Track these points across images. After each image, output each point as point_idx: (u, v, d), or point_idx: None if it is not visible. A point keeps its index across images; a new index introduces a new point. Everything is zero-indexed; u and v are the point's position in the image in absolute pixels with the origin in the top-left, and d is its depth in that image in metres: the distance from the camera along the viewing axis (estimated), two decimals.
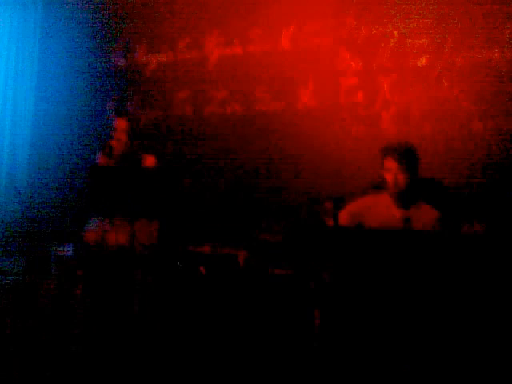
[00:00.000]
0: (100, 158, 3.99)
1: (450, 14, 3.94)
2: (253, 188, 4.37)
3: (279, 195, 4.27)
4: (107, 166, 3.87)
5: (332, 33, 4.29)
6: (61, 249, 4.12)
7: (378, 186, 3.54)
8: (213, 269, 3.62)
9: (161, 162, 4.07)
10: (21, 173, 5.18)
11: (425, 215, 3.43)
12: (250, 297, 3.48)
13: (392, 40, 4.10)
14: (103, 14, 5.03)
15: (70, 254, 4.02)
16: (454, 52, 3.92)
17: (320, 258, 3.12)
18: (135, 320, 3.34)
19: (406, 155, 3.48)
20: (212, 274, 3.61)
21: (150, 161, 4.00)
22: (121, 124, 3.99)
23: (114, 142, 3.94)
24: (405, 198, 3.51)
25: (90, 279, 3.68)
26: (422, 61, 4.01)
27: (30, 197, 5.09)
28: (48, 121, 5.13)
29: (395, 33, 4.09)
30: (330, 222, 3.20)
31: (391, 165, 3.48)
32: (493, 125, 3.79)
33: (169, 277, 3.65)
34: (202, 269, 3.62)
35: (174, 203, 3.55)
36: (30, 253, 4.68)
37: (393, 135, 3.95)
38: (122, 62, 4.97)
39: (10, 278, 4.29)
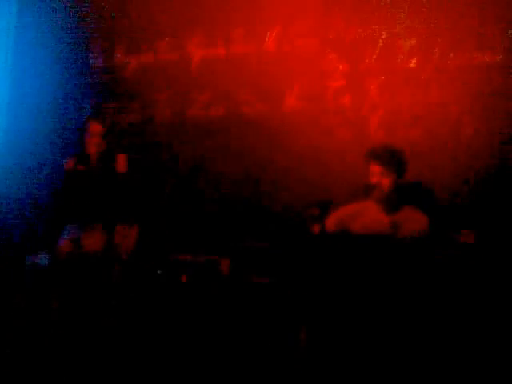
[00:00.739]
0: (68, 163, 3.95)
1: (439, 15, 3.94)
2: (237, 193, 4.32)
3: (264, 200, 4.23)
4: (82, 171, 3.83)
5: (319, 34, 4.27)
6: (35, 258, 4.05)
7: (366, 191, 3.53)
8: (195, 277, 3.57)
9: (139, 166, 4.03)
10: None
11: (413, 220, 3.42)
12: (233, 306, 3.43)
13: (380, 41, 4.09)
14: (81, 12, 4.96)
15: (45, 262, 3.95)
16: (443, 54, 3.92)
17: (307, 266, 3.08)
18: (114, 329, 3.29)
19: (392, 159, 3.47)
20: (194, 282, 3.56)
21: (121, 159, 3.95)
22: (95, 128, 3.96)
23: (87, 146, 3.91)
24: (392, 203, 3.49)
25: (66, 289, 3.62)
26: (411, 63, 4.00)
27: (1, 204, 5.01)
28: (21, 125, 5.05)
29: (383, 34, 4.08)
30: (317, 229, 3.17)
31: (377, 169, 3.47)
32: (483, 129, 3.80)
33: (148, 285, 3.59)
34: (183, 277, 3.56)
35: (153, 208, 3.51)
36: (2, 263, 4.60)
37: (381, 139, 3.94)
38: (100, 62, 4.90)
39: None
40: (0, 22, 5.17)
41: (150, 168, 4.47)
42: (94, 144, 3.92)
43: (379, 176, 3.47)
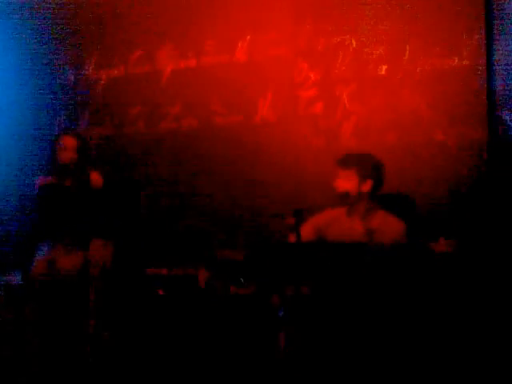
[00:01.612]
0: (41, 180, 3.95)
1: (408, 22, 4.02)
2: (211, 205, 4.36)
3: (239, 211, 4.27)
4: (55, 187, 3.84)
5: (289, 43, 4.33)
6: (8, 277, 4.05)
7: (341, 199, 3.58)
8: (172, 290, 3.61)
9: (112, 180, 4.05)
10: None
11: (390, 227, 3.47)
12: (211, 318, 3.47)
13: (350, 49, 4.17)
14: (51, 28, 5.00)
15: (18, 282, 3.95)
16: (413, 60, 3.99)
17: (283, 276, 3.13)
18: (91, 346, 3.30)
19: (365, 165, 3.53)
20: (171, 295, 3.59)
21: (95, 176, 3.97)
22: (68, 142, 3.97)
23: (61, 160, 3.92)
24: (367, 210, 3.55)
25: (41, 309, 3.62)
26: (382, 69, 4.08)
27: None
28: None
29: (353, 42, 4.16)
30: (293, 238, 3.22)
31: (338, 172, 3.52)
32: (455, 134, 3.87)
33: (125, 300, 3.62)
34: (160, 291, 3.59)
35: (128, 222, 3.54)
36: None
37: (354, 146, 3.99)
38: (71, 77, 4.94)
39: None
40: None
41: (123, 182, 4.50)
42: (67, 158, 3.93)
43: (354, 183, 3.53)
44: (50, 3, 5.02)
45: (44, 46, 5.00)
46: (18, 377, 3.44)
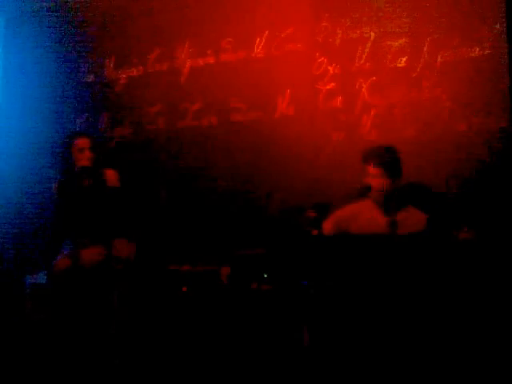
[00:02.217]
0: (56, 185, 4.01)
1: (427, 13, 4.01)
2: (233, 201, 4.39)
3: (260, 207, 4.30)
4: (73, 188, 3.89)
5: (307, 38, 4.35)
6: (35, 277, 4.12)
7: (363, 193, 3.60)
8: (195, 287, 3.64)
9: (132, 179, 4.10)
10: None
11: (413, 219, 3.49)
12: (234, 314, 3.49)
13: (369, 42, 4.17)
14: (70, 30, 5.08)
15: (44, 281, 4.01)
16: (433, 51, 3.99)
17: (306, 270, 3.15)
18: (114, 342, 3.35)
19: (389, 159, 3.55)
20: (194, 292, 3.63)
21: (111, 175, 4.03)
22: (83, 142, 4.03)
23: (77, 161, 3.97)
24: (390, 204, 3.57)
25: (65, 305, 3.68)
26: (401, 62, 4.08)
27: None
28: (13, 144, 5.15)
29: (372, 35, 4.17)
30: (314, 232, 3.23)
31: (374, 170, 3.54)
32: (477, 124, 3.85)
33: (149, 297, 3.66)
34: (183, 288, 3.63)
35: (149, 220, 3.58)
36: (1, 283, 4.67)
37: (374, 139, 4.00)
38: (91, 77, 5.01)
39: None
40: None
41: (144, 180, 4.55)
42: (83, 159, 3.98)
43: (378, 177, 3.55)
44: (69, 6, 5.10)
45: (63, 48, 5.09)
46: (43, 374, 3.50)
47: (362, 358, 3.08)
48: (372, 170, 3.56)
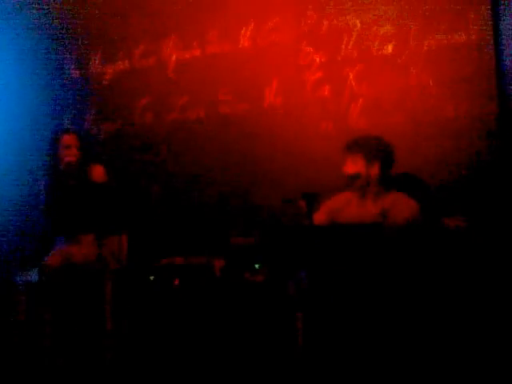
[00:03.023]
0: (47, 179, 4.01)
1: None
2: (222, 193, 4.40)
3: (250, 198, 4.31)
4: (60, 185, 3.89)
5: (293, 28, 4.35)
6: (26, 274, 4.11)
7: (351, 182, 3.62)
8: (187, 280, 3.65)
9: (121, 174, 4.10)
10: None
11: (402, 207, 3.50)
12: (228, 306, 3.51)
13: (355, 30, 4.18)
14: (55, 25, 5.05)
15: (35, 279, 4.01)
16: (419, 38, 4.00)
17: (297, 259, 3.16)
18: (109, 337, 3.35)
19: (374, 148, 3.56)
20: (187, 285, 3.64)
21: (97, 170, 4.03)
22: (69, 139, 4.02)
23: (63, 158, 3.97)
24: (378, 192, 3.59)
25: (58, 302, 3.68)
26: (388, 49, 4.09)
27: None
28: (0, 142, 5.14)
29: (358, 22, 4.17)
30: (305, 222, 3.24)
31: (357, 160, 3.56)
32: (465, 109, 3.88)
33: (141, 291, 3.67)
34: (176, 281, 3.64)
35: (140, 215, 3.58)
36: None
37: (363, 128, 4.02)
38: (76, 73, 4.99)
39: None
40: None
41: (133, 175, 4.55)
42: (72, 156, 3.98)
43: (364, 166, 3.56)
44: (53, 1, 5.07)
45: (48, 44, 5.06)
46: (35, 373, 3.50)
47: (356, 348, 3.11)
48: (345, 156, 3.59)
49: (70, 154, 4.00)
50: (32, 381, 3.55)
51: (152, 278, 3.65)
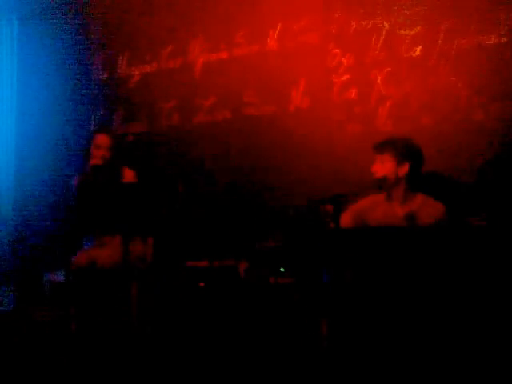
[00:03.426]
0: (76, 179, 4.04)
1: (441, 0, 3.98)
2: (249, 195, 4.40)
3: (277, 200, 4.30)
4: (90, 185, 3.92)
5: (320, 29, 4.33)
6: (53, 275, 4.16)
7: (379, 184, 3.59)
8: (213, 283, 3.66)
9: (148, 176, 4.12)
10: (6, 197, 5.24)
11: (430, 210, 3.47)
12: (252, 309, 3.51)
13: (383, 32, 4.15)
14: (82, 28, 5.11)
15: (62, 279, 4.06)
16: (448, 40, 3.95)
17: (323, 263, 3.15)
18: (135, 339, 3.37)
19: (402, 149, 3.53)
20: (212, 288, 3.65)
21: (129, 175, 4.05)
22: (102, 140, 4.04)
23: (94, 159, 3.99)
24: (406, 194, 3.55)
25: (84, 303, 3.71)
26: (416, 51, 4.05)
27: (17, 224, 5.14)
28: (30, 142, 5.21)
29: (386, 24, 4.14)
30: (332, 225, 3.23)
31: (386, 161, 3.53)
32: (495, 112, 3.82)
33: (167, 294, 3.68)
34: (201, 284, 3.65)
35: (166, 217, 3.59)
36: (21, 281, 4.72)
37: (390, 131, 3.98)
38: (104, 75, 5.04)
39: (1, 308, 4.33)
40: (3, 44, 5.35)
41: (160, 177, 4.58)
42: (100, 157, 4.00)
43: (392, 168, 3.53)
44: (82, 4, 5.14)
45: (77, 46, 5.12)
46: (62, 373, 3.53)
47: (382, 352, 3.08)
48: (374, 157, 3.56)
49: (98, 155, 4.01)
50: (55, 380, 3.58)
51: (177, 280, 3.67)
